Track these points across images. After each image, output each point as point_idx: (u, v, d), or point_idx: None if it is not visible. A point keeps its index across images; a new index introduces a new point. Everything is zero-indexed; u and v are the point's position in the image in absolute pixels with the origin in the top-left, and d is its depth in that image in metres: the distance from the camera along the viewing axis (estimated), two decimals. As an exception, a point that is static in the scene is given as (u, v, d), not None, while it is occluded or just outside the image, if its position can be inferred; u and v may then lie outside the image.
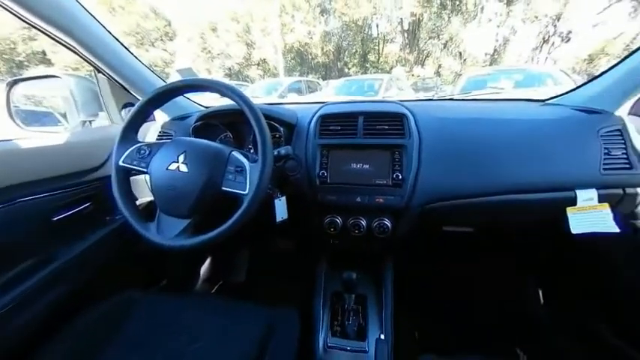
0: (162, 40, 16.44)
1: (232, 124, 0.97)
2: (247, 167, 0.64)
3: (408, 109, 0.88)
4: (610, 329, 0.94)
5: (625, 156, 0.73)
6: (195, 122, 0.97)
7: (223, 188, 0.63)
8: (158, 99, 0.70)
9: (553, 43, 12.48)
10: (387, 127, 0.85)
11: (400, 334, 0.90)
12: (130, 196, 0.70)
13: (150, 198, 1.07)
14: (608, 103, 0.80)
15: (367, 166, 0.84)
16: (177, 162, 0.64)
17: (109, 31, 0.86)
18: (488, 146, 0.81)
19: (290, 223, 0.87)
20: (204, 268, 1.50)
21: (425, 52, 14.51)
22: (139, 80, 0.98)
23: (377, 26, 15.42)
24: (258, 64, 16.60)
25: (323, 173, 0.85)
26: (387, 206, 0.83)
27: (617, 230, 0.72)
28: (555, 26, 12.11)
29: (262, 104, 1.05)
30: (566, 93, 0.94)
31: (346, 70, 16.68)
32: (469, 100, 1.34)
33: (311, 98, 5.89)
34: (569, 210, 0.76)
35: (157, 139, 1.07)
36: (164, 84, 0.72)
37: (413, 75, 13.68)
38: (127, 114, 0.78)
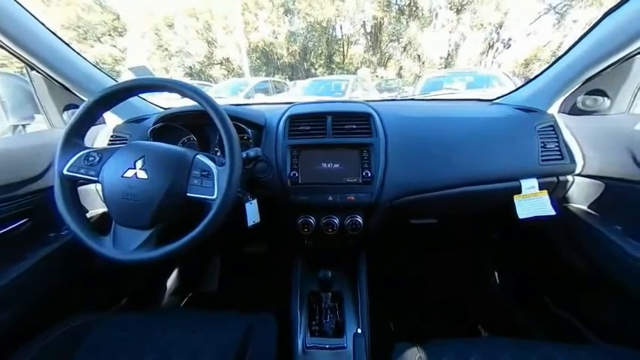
0: (110, 35, 14.94)
1: (196, 126, 0.92)
2: (214, 171, 0.61)
3: (373, 109, 0.91)
4: (553, 300, 1.08)
5: (557, 149, 0.85)
6: (153, 124, 0.90)
7: (188, 194, 0.60)
8: (107, 100, 0.63)
9: (497, 49, 13.94)
10: (355, 127, 0.87)
11: (376, 326, 0.94)
12: (78, 208, 0.63)
13: (103, 209, 0.97)
14: (541, 103, 0.92)
15: (337, 165, 0.85)
16: (135, 168, 0.59)
17: (41, 22, 0.75)
18: (448, 142, 0.88)
19: (262, 226, 0.85)
20: (171, 281, 1.40)
21: (387, 54, 15.20)
22: (82, 79, 0.88)
23: (341, 28, 15.77)
24: (221, 63, 15.92)
25: (294, 174, 0.85)
26: (358, 203, 0.85)
27: (554, 213, 0.83)
28: (498, 33, 13.52)
29: (228, 105, 1.01)
30: (509, 93, 1.06)
31: (313, 70, 16.78)
32: (428, 100, 1.44)
33: (279, 99, 5.81)
34: (516, 197, 0.86)
35: (109, 144, 0.97)
36: (114, 83, 0.66)
37: (377, 76, 14.25)
38: (71, 117, 0.69)
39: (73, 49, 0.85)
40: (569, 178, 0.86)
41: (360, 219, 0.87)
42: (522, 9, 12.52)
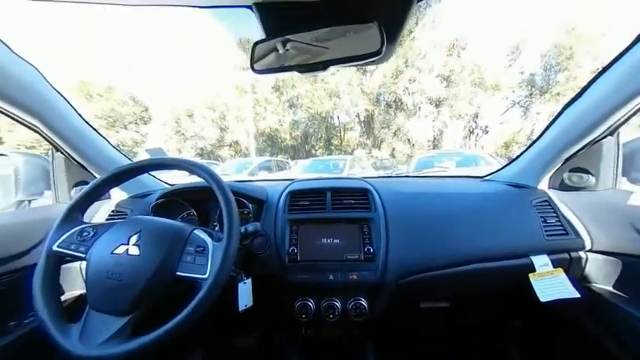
0: (136, 123, 17.06)
1: (198, 201, 0.94)
2: (210, 246, 0.58)
3: (371, 185, 0.95)
4: None
5: (559, 223, 0.84)
6: (156, 200, 0.92)
7: (178, 273, 0.55)
8: (118, 177, 0.66)
9: (477, 134, 15.70)
10: (353, 202, 0.89)
11: None
12: (54, 289, 0.57)
13: (80, 291, 0.88)
14: (530, 180, 0.97)
15: (337, 241, 0.82)
16: (128, 244, 0.57)
17: (78, 113, 0.87)
18: (447, 216, 0.88)
19: (255, 311, 0.75)
20: None
21: (379, 138, 16.98)
22: (99, 158, 0.95)
23: (338, 117, 18.14)
24: (230, 145, 17.59)
25: (293, 250, 0.81)
26: (361, 283, 0.78)
27: (578, 295, 0.75)
28: (476, 122, 15.49)
29: (231, 181, 1.06)
30: (497, 171, 1.13)
31: (313, 151, 18.38)
32: (422, 177, 1.51)
33: (280, 175, 6.15)
34: (532, 276, 0.80)
35: (108, 219, 0.97)
36: (129, 162, 0.71)
37: (372, 156, 15.50)
38: (78, 192, 0.72)
39: (100, 134, 0.95)
40: (582, 254, 0.82)
41: (364, 302, 0.78)
42: (491, 104, 14.77)
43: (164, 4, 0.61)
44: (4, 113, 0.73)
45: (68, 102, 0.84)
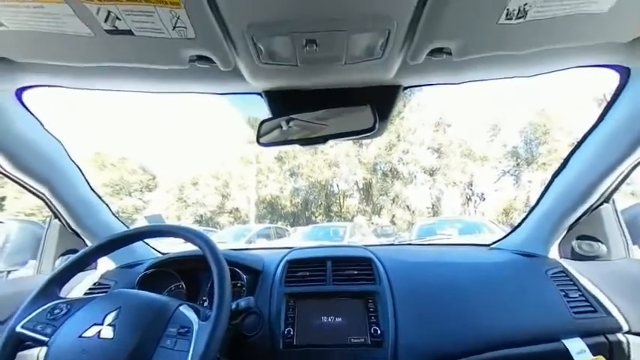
0: (141, 191, 17.54)
1: (189, 272, 0.88)
2: (195, 327, 0.51)
3: (373, 254, 0.91)
4: None
5: (583, 298, 0.76)
6: (145, 270, 0.86)
7: None
8: (109, 245, 0.64)
9: (475, 201, 15.95)
10: (356, 272, 0.83)
11: None
12: None
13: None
14: (538, 248, 0.94)
15: (340, 320, 0.73)
16: (102, 324, 0.50)
17: (87, 182, 0.90)
18: (455, 289, 0.81)
19: None
20: None
21: (378, 205, 17.17)
22: (95, 225, 0.93)
23: (337, 185, 18.77)
24: (230, 212, 17.60)
25: (289, 331, 0.71)
26: None
27: None
28: (471, 189, 15.96)
29: (227, 250, 1.01)
30: (503, 239, 1.09)
31: (313, 218, 18.28)
32: (426, 244, 1.46)
33: (279, 243, 5.94)
34: None
35: (87, 293, 0.88)
36: (125, 229, 0.69)
37: (372, 223, 15.34)
38: (64, 262, 0.68)
39: (103, 200, 0.96)
40: (621, 337, 0.71)
41: None
42: (483, 173, 15.56)
43: (183, 92, 0.71)
44: (16, 182, 0.75)
45: (81, 171, 0.88)
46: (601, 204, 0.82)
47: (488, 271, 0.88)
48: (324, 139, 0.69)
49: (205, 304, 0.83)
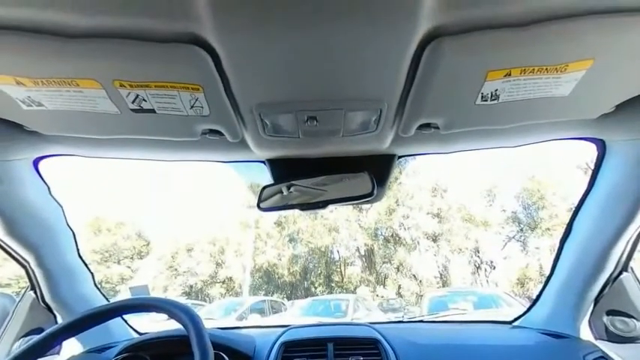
0: (132, 258, 16.65)
1: (167, 356, 0.75)
2: None
3: (381, 334, 0.80)
4: None
5: None
6: (115, 355, 0.74)
7: None
8: (80, 324, 0.56)
9: (485, 270, 14.94)
10: (362, 358, 0.71)
11: None
12: None
13: None
14: (567, 327, 0.83)
15: None
16: None
17: (77, 249, 0.86)
18: None
19: None
20: None
21: (382, 274, 16.03)
22: (72, 297, 0.84)
23: (338, 252, 17.93)
24: (223, 282, 16.26)
25: None
26: None
27: None
28: (479, 256, 15.17)
29: (215, 329, 0.89)
30: (524, 314, 0.98)
31: (313, 289, 16.79)
32: (440, 321, 1.29)
33: (274, 320, 5.28)
34: None
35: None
36: (104, 303, 0.62)
37: (377, 295, 13.99)
38: (22, 345, 0.58)
39: (88, 268, 0.89)
40: None
41: None
42: (487, 238, 15.07)
43: (193, 160, 0.76)
44: (3, 249, 0.72)
45: (74, 237, 0.85)
46: (620, 273, 0.76)
47: (515, 354, 0.75)
48: (323, 204, 0.70)
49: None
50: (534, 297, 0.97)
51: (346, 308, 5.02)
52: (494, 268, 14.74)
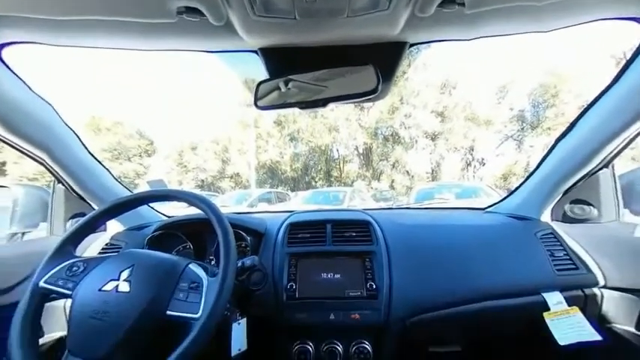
0: (140, 156, 17.47)
1: (195, 234, 0.92)
2: (204, 282, 0.55)
3: (372, 217, 0.94)
4: None
5: (567, 257, 0.81)
6: (152, 232, 0.90)
7: (169, 312, 0.52)
8: (115, 209, 0.66)
9: (474, 166, 15.99)
10: (354, 234, 0.87)
11: None
12: (33, 331, 0.53)
13: (60, 334, 0.82)
14: (532, 211, 0.96)
15: (338, 276, 0.79)
16: (118, 280, 0.54)
17: (85, 147, 0.89)
18: (449, 250, 0.85)
19: (248, 356, 0.69)
20: None
21: (378, 170, 17.26)
22: (100, 190, 0.95)
23: (337, 150, 18.64)
24: (231, 177, 17.79)
25: (291, 286, 0.77)
26: (364, 323, 0.73)
27: (599, 338, 0.69)
28: (472, 154, 15.89)
29: (230, 213, 1.05)
30: (498, 203, 1.12)
31: (313, 183, 18.52)
32: (423, 208, 1.50)
33: (280, 207, 6.11)
34: (546, 315, 0.75)
35: (101, 252, 0.94)
36: (128, 194, 0.71)
37: (372, 188, 15.58)
38: (74, 224, 0.71)
39: (103, 165, 0.96)
40: (596, 291, 0.78)
41: (368, 346, 0.72)
42: (486, 137, 15.31)
43: (172, 49, 0.67)
44: (14, 147, 0.75)
45: (78, 136, 0.87)
46: (600, 169, 0.82)
47: (481, 232, 0.92)
48: (324, 102, 0.66)
49: (212, 262, 0.88)
50: (513, 189, 1.09)
51: (343, 198, 5.71)
52: (484, 164, 15.74)
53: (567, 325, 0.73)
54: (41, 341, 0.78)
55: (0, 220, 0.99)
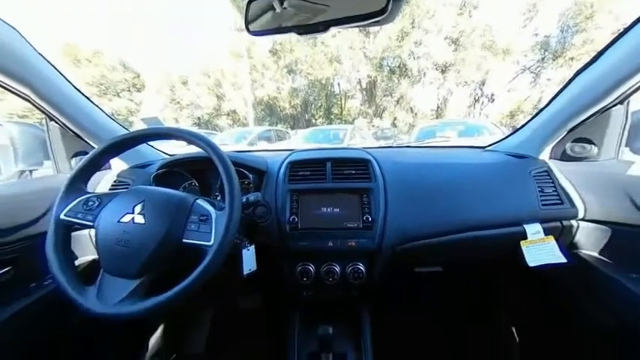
0: (129, 91, 16.43)
1: (198, 171, 0.94)
2: (213, 215, 0.60)
3: (371, 155, 0.95)
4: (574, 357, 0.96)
5: (555, 193, 0.85)
6: (156, 170, 0.92)
7: (184, 240, 0.58)
8: (116, 147, 0.66)
9: (482, 102, 15.20)
10: (353, 172, 0.89)
11: None
12: (67, 255, 0.60)
13: (92, 256, 0.93)
14: (531, 150, 0.96)
15: (337, 210, 0.84)
16: (133, 213, 0.58)
17: (68, 81, 0.83)
18: (445, 187, 0.89)
19: (258, 275, 0.80)
20: (153, 340, 1.26)
21: (381, 107, 16.47)
22: (96, 128, 0.93)
23: (339, 84, 17.39)
24: (228, 115, 17.13)
25: (293, 219, 0.83)
26: (359, 249, 0.82)
27: (564, 260, 0.79)
28: (482, 89, 14.90)
29: (231, 152, 1.05)
30: (500, 141, 1.11)
31: (313, 121, 17.96)
32: (424, 147, 1.50)
33: (280, 146, 6.10)
34: (523, 243, 0.83)
35: (111, 189, 0.98)
36: (125, 132, 0.69)
37: (373, 126, 15.19)
38: (78, 163, 0.72)
39: (92, 102, 0.92)
40: (574, 223, 0.85)
41: (362, 267, 0.83)
42: (501, 69, 14.06)
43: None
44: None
45: (56, 69, 0.80)
46: (614, 105, 0.78)
47: (477, 170, 0.94)
48: (324, 26, 0.58)
49: (218, 198, 0.93)
50: (518, 127, 1.06)
51: (343, 136, 5.63)
52: (493, 100, 14.92)
53: (539, 250, 0.82)
54: (76, 263, 0.89)
55: (2, 158, 1.00)
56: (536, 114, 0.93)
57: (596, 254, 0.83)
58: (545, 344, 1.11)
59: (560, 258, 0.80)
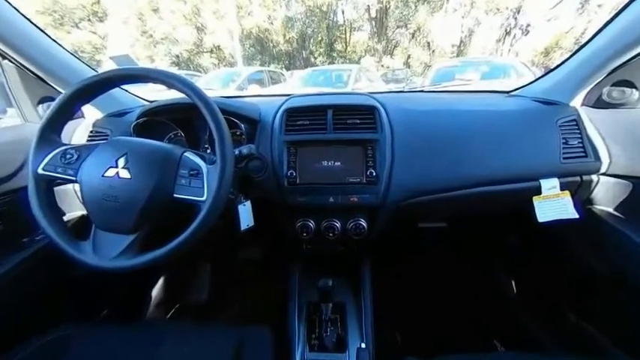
0: (89, 20, 14.95)
1: (183, 120, 0.92)
2: (204, 170, 0.61)
3: (379, 102, 0.91)
4: (572, 308, 1.08)
5: (581, 145, 0.84)
6: (137, 119, 0.90)
7: (175, 195, 0.60)
8: (86, 92, 0.63)
9: (514, 36, 13.94)
10: (358, 121, 0.87)
11: (382, 340, 0.94)
12: (54, 210, 0.63)
13: (82, 212, 0.97)
14: (562, 95, 0.92)
15: (339, 163, 0.85)
16: (117, 167, 0.59)
17: (18, 11, 0.76)
18: (460, 138, 0.88)
19: (257, 229, 0.85)
20: (156, 290, 1.40)
21: (393, 41, 15.20)
22: (59, 69, 0.88)
23: (343, 13, 15.75)
24: (211, 52, 15.92)
25: (291, 173, 0.84)
26: (361, 205, 0.85)
27: (577, 216, 0.83)
28: (516, 19, 13.53)
29: (218, 97, 1.01)
30: (528, 84, 1.06)
31: (312, 59, 16.79)
32: (439, 91, 1.43)
33: (275, 90, 5.82)
34: (535, 199, 0.86)
35: (89, 140, 0.97)
36: (94, 73, 0.66)
37: (382, 66, 14.26)
38: (46, 110, 0.70)
39: (49, 36, 0.84)
40: (594, 177, 0.86)
41: (363, 222, 0.87)
42: (543, -9, 12.52)
43: None
44: None
45: None
46: None
47: (498, 119, 0.91)
48: None
49: (208, 151, 0.93)
50: (552, 67, 0.99)
51: (347, 79, 5.33)
52: (527, 33, 13.67)
53: (551, 206, 0.85)
54: (65, 219, 0.94)
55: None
56: (576, 51, 0.86)
57: (610, 209, 0.86)
58: (540, 294, 1.24)
59: (572, 214, 0.83)
